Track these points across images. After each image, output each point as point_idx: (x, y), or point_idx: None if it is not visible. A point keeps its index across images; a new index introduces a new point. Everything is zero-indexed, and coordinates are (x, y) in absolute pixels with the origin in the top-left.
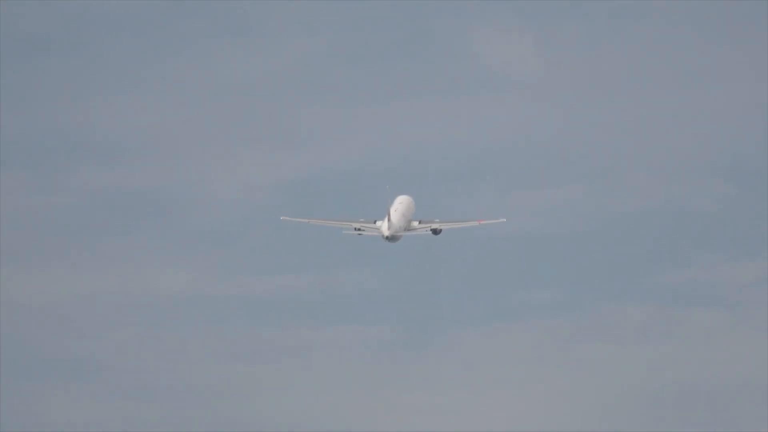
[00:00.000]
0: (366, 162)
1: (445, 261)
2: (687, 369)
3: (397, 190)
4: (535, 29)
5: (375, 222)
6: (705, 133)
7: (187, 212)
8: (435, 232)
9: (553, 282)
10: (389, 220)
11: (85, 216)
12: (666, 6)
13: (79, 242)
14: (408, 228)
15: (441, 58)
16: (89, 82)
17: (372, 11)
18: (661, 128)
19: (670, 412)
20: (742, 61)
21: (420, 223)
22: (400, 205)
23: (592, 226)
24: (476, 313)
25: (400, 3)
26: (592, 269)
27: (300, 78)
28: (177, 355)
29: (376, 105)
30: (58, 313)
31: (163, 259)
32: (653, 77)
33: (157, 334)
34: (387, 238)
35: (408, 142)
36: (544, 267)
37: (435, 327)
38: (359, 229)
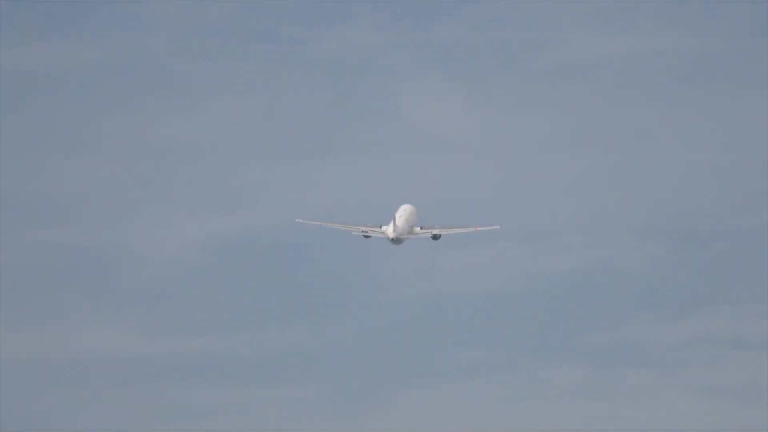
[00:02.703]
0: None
1: (377, 321)
2: (617, 429)
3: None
4: (464, 89)
5: (381, 227)
6: (635, 195)
7: (122, 271)
8: (435, 237)
9: (484, 342)
10: (394, 224)
11: (19, 275)
12: (594, 67)
13: (12, 302)
14: (411, 232)
15: (370, 118)
16: (23, 141)
17: (303, 72)
18: (592, 189)
19: None
20: (673, 122)
21: (422, 228)
22: (404, 212)
23: (523, 286)
24: (407, 374)
25: (330, 64)
26: (522, 329)
27: (233, 138)
28: (113, 415)
29: (308, 164)
30: None
31: (97, 319)
32: (584, 138)
33: (88, 395)
34: (392, 239)
35: (339, 201)
36: (474, 326)
37: (369, 388)
38: (366, 233)
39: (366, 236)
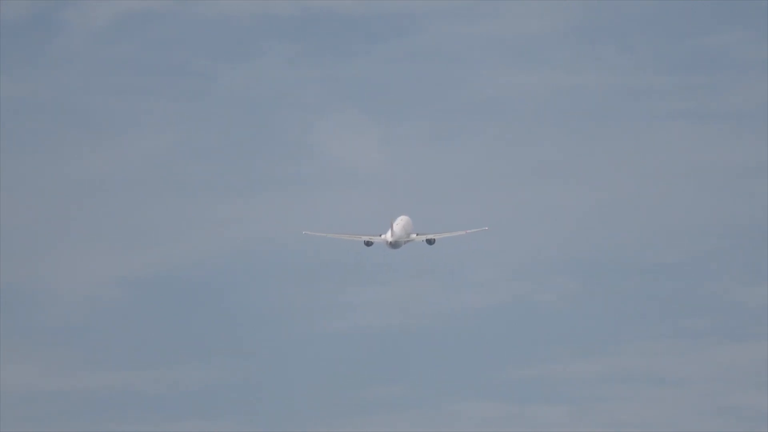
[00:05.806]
0: (214, 258)
1: (294, 356)
2: None
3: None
4: (378, 124)
5: (380, 235)
6: (549, 228)
7: (32, 308)
8: (429, 242)
9: (398, 377)
10: (392, 229)
11: None
12: (508, 102)
13: None
14: (407, 239)
15: (284, 153)
16: None
17: (216, 108)
18: (506, 223)
19: None
20: (587, 157)
21: (417, 235)
22: (401, 220)
23: (437, 321)
24: (324, 410)
25: (241, 99)
26: (436, 364)
27: (147, 175)
28: None
29: (222, 200)
30: None
31: (10, 356)
32: (498, 173)
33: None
34: (390, 243)
35: (255, 238)
36: (388, 362)
37: (280, 424)
38: (368, 242)
39: (368, 244)
